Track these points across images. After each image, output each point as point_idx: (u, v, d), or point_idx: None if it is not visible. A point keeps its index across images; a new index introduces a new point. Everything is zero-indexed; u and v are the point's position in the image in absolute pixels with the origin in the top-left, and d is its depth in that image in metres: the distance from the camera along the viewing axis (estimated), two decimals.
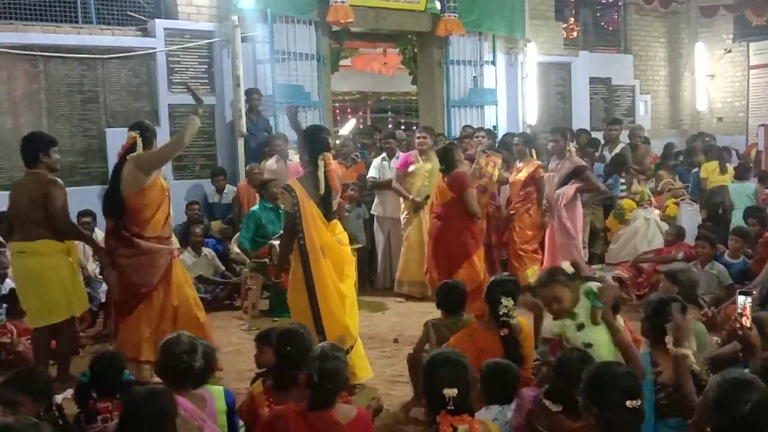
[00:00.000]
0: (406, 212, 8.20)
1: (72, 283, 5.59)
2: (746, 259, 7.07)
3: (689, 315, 4.40)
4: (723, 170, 9.81)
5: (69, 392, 3.56)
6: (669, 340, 3.30)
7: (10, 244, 5.72)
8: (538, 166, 8.10)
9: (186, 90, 6.11)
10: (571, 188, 7.39)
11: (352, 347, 5.13)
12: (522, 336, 4.26)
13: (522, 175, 8.12)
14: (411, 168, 8.18)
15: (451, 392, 2.95)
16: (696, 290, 4.72)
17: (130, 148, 5.47)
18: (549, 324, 3.78)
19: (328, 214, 5.21)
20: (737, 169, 9.70)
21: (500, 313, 4.21)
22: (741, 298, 3.46)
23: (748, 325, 3.42)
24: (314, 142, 5.24)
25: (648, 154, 10.29)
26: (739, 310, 3.44)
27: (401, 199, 8.23)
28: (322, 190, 5.13)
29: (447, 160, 7.04)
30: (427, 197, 7.80)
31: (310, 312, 5.05)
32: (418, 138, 8.34)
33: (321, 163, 5.16)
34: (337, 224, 5.35)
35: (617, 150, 9.91)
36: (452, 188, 6.95)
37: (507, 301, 4.21)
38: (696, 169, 10.10)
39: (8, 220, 5.68)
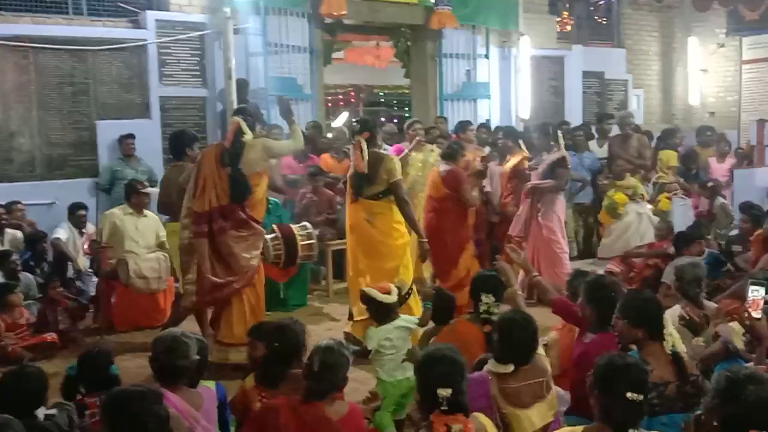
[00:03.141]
0: None
1: None
2: (712, 252, 7.06)
3: (684, 311, 4.42)
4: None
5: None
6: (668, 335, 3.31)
7: (167, 225, 6.56)
8: (523, 158, 8.09)
9: (278, 104, 6.43)
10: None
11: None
12: None
13: (509, 166, 8.12)
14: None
15: (445, 392, 2.89)
16: (698, 287, 4.68)
17: (237, 131, 5.61)
18: None
19: (356, 194, 5.95)
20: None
21: (481, 310, 4.25)
22: (751, 289, 3.42)
23: (758, 317, 3.40)
24: (352, 131, 6.31)
25: (645, 145, 9.53)
26: (749, 301, 3.42)
27: None
28: (351, 170, 5.99)
29: (451, 154, 7.08)
30: None
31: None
32: (414, 130, 8.28)
33: (351, 147, 6.05)
34: (375, 205, 5.93)
35: (605, 144, 9.91)
36: (447, 183, 6.96)
37: (487, 298, 4.25)
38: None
39: (163, 204, 6.46)
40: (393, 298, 4.52)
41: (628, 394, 2.73)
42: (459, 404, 2.95)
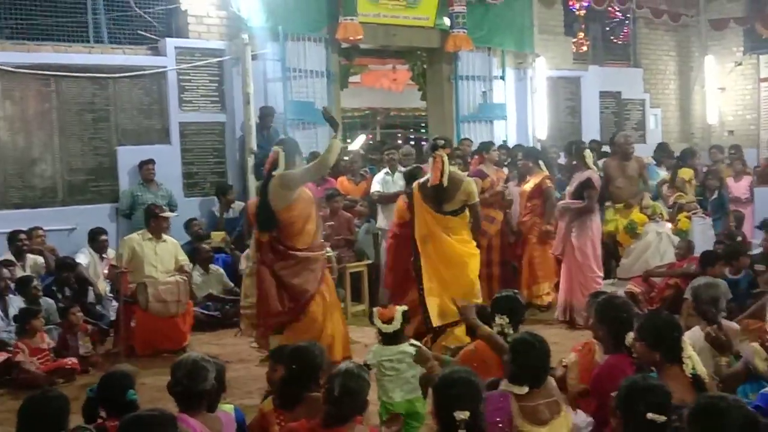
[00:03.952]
0: None
1: None
2: (749, 272, 7.02)
3: (701, 333, 4.38)
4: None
5: None
6: (687, 357, 3.27)
7: None
8: (544, 177, 8.12)
9: (323, 114, 6.27)
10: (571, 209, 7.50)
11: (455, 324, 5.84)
12: None
13: (529, 186, 8.14)
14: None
15: (463, 415, 2.86)
16: (714, 306, 4.63)
17: (274, 163, 5.67)
18: None
19: (437, 207, 6.11)
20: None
21: (495, 331, 4.27)
22: None
23: None
24: (430, 146, 6.41)
25: (643, 166, 8.66)
26: None
27: None
28: (429, 184, 6.11)
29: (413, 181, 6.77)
30: None
31: (416, 287, 6.13)
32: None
33: (430, 161, 6.15)
34: (452, 220, 6.14)
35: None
36: (411, 209, 6.67)
37: (501, 319, 4.26)
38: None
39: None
40: (393, 327, 4.49)
41: (649, 415, 2.71)
42: (477, 427, 2.90)
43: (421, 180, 6.34)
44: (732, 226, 9.12)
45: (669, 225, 8.60)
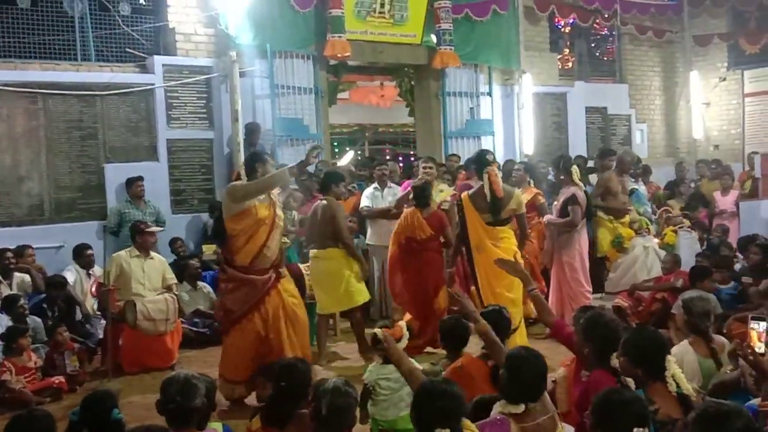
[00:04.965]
0: None
1: (351, 280, 6.89)
2: (737, 284, 7.07)
3: (693, 347, 4.40)
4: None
5: None
6: (670, 376, 3.27)
7: (310, 251, 7.13)
8: (536, 194, 8.22)
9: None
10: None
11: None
12: None
13: None
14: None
15: None
16: (707, 320, 4.66)
17: (237, 176, 5.86)
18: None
19: (494, 218, 6.42)
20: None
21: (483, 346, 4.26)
22: (753, 324, 3.41)
23: (762, 352, 3.37)
24: (478, 161, 6.70)
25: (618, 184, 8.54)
26: (753, 336, 3.40)
27: None
28: (488, 199, 6.37)
29: (424, 197, 7.19)
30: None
31: (476, 291, 6.42)
32: (425, 168, 8.29)
33: (485, 177, 6.35)
34: (501, 231, 6.48)
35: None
36: (432, 225, 7.10)
37: None
38: None
39: (309, 233, 7.25)
40: (403, 344, 4.50)
41: (636, 430, 2.68)
42: None
43: (470, 192, 6.67)
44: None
45: (655, 239, 8.65)
